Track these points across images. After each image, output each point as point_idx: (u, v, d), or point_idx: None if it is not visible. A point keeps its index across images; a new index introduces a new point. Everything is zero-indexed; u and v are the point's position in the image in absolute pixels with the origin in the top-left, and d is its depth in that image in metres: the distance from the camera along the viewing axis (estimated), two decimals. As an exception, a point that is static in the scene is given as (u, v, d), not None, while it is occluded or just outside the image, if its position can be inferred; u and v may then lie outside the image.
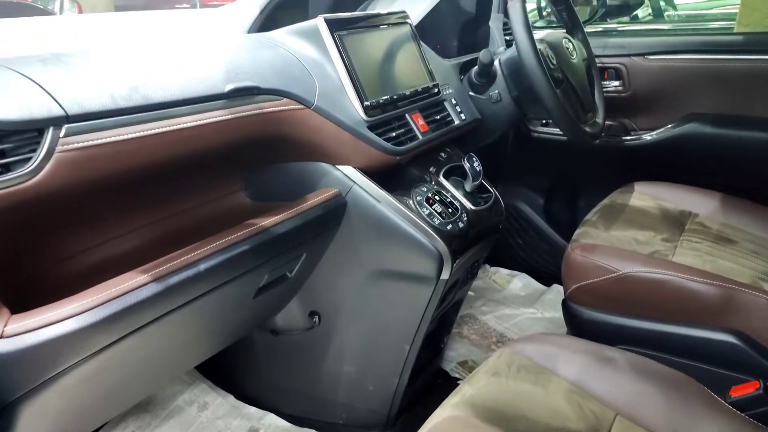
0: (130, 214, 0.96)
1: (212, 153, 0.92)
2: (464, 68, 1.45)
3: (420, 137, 1.18)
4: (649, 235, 1.32)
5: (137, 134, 0.76)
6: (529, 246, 2.05)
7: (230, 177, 1.12)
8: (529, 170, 2.02)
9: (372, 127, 1.08)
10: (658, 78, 1.71)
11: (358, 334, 1.23)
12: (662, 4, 2.62)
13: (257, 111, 0.93)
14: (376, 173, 1.10)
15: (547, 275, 2.01)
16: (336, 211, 1.07)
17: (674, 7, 2.76)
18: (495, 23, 1.69)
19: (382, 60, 1.17)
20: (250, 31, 1.16)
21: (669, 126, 1.73)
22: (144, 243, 0.97)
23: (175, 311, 0.83)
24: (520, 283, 2.01)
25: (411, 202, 1.10)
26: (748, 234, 1.35)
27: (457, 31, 1.69)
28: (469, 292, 1.64)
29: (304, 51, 1.07)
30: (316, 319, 1.23)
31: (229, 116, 0.88)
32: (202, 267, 0.82)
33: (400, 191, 1.11)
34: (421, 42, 1.30)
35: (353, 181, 1.08)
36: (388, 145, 1.08)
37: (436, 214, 1.10)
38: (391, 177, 1.13)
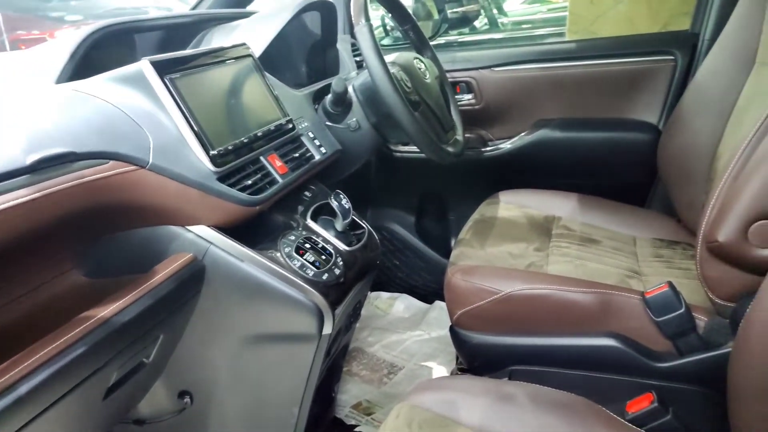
0: None
1: (24, 238, 0.74)
2: (317, 96, 1.37)
3: (280, 180, 1.07)
4: (522, 247, 1.33)
5: None
6: (406, 266, 2.02)
7: (57, 256, 0.93)
8: (396, 190, 1.99)
9: (223, 178, 0.95)
10: (506, 88, 1.76)
11: (239, 407, 1.09)
12: (495, 12, 2.76)
13: (76, 181, 0.76)
14: (235, 228, 0.97)
15: (427, 292, 2.00)
16: (193, 278, 0.93)
17: (506, 14, 2.91)
18: (343, 45, 1.63)
19: (225, 100, 1.05)
20: (60, 80, 0.98)
21: (522, 134, 1.79)
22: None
23: (-6, 449, 0.65)
24: (402, 305, 1.98)
25: (279, 254, 0.99)
26: (607, 231, 1.42)
27: (304, 57, 1.61)
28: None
29: (130, 101, 0.91)
30: (188, 399, 1.08)
31: (37, 194, 0.71)
32: (23, 389, 0.65)
33: (265, 244, 1.00)
34: (267, 74, 1.19)
35: (209, 241, 0.94)
36: (244, 195, 0.96)
37: (309, 265, 1.00)
38: (253, 229, 1.01)
